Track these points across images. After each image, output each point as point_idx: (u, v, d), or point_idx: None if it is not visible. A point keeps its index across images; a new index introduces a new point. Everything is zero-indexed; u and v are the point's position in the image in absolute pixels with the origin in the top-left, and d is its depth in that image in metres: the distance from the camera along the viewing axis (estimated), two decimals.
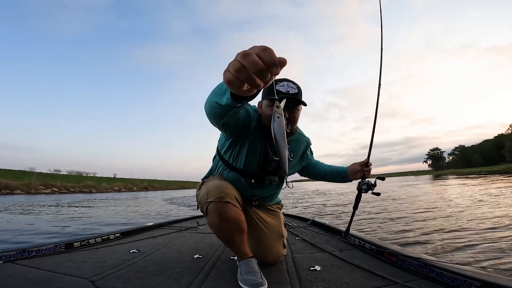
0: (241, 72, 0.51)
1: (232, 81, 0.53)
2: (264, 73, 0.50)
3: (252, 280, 1.07)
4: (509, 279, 0.86)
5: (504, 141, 74.88)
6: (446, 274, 1.00)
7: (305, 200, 9.39)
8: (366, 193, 1.43)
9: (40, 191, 21.94)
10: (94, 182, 33.37)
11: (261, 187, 1.36)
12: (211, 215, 1.15)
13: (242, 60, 0.50)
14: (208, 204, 1.14)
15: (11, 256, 1.38)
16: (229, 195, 1.16)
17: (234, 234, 1.18)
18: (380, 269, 1.19)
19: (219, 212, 1.13)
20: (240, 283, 1.09)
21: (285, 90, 1.14)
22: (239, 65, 0.50)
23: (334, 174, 1.48)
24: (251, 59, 0.49)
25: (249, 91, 0.56)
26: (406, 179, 40.71)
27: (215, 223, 1.15)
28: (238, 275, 1.14)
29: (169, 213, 6.76)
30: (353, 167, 1.41)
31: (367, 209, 5.55)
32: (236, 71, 0.51)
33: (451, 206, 5.35)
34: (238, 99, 0.70)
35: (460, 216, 4.21)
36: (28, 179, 23.98)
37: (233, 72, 0.51)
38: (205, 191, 1.18)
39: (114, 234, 2.02)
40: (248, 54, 0.49)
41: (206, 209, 1.16)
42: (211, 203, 1.14)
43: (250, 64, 0.49)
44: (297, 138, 1.37)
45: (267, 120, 1.17)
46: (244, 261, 1.18)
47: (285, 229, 1.48)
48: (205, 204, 1.16)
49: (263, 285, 1.05)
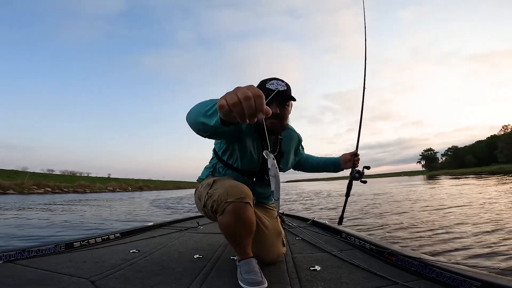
0: (236, 107, 0.61)
1: (225, 110, 0.63)
2: (253, 115, 0.61)
3: (252, 279, 1.07)
4: (509, 279, 0.86)
5: (496, 142, 75.93)
6: (446, 274, 1.00)
7: (304, 200, 9.43)
8: (357, 180, 1.52)
9: (33, 191, 21.63)
10: (88, 182, 33.01)
11: (262, 186, 1.39)
12: (229, 215, 1.12)
13: (241, 99, 0.60)
14: (228, 204, 1.11)
15: (11, 256, 1.37)
16: (249, 196, 1.15)
17: (246, 235, 1.18)
18: (380, 269, 1.19)
19: (238, 213, 1.12)
20: (240, 282, 1.09)
21: (275, 88, 1.20)
22: (236, 101, 0.61)
23: (327, 164, 1.61)
24: (249, 103, 0.60)
25: (236, 120, 0.65)
26: (399, 179, 41.17)
27: (231, 223, 1.13)
28: (238, 274, 1.14)
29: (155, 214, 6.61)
30: (344, 157, 1.55)
31: (371, 210, 5.62)
32: (233, 105, 0.61)
33: (453, 206, 5.42)
34: (225, 123, 0.80)
35: (458, 216, 4.27)
36: (21, 178, 23.63)
37: (230, 104, 0.62)
38: (223, 190, 1.14)
39: (114, 234, 2.01)
40: (249, 98, 0.60)
41: (224, 209, 1.12)
42: (231, 203, 1.11)
43: (247, 106, 0.60)
44: (289, 134, 1.43)
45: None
46: (245, 260, 1.18)
47: (282, 228, 1.51)
48: (224, 203, 1.12)
49: (263, 283, 1.06)
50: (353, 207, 6.04)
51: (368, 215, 4.76)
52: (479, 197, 6.72)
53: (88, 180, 35.81)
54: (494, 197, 6.56)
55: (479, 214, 4.25)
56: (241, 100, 0.60)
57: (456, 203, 5.77)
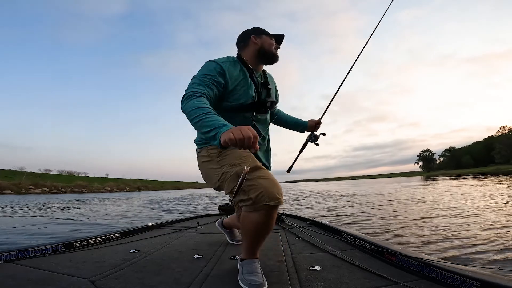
0: (240, 142, 0.87)
1: (232, 143, 0.87)
2: (250, 148, 0.89)
3: (253, 280, 1.06)
4: (509, 279, 0.86)
5: (493, 143, 76.35)
6: (446, 274, 1.00)
7: (302, 200, 9.43)
8: (312, 142, 1.77)
9: (30, 191, 21.55)
10: (86, 182, 32.93)
11: (261, 122, 1.44)
12: (264, 216, 1.08)
13: (245, 138, 0.87)
14: (268, 206, 1.06)
15: (11, 256, 1.37)
16: (282, 196, 1.11)
17: (266, 236, 1.17)
18: (380, 269, 1.19)
19: (272, 216, 1.10)
20: (241, 282, 1.08)
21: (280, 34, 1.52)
22: (241, 138, 0.87)
23: (297, 124, 1.81)
24: (251, 142, 0.88)
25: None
26: (398, 180, 41.27)
27: (263, 223, 1.10)
28: (240, 274, 1.13)
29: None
30: (311, 123, 1.78)
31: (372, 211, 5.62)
32: (239, 140, 0.87)
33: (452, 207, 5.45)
34: (222, 146, 0.94)
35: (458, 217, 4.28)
36: (18, 178, 23.53)
37: (236, 139, 0.87)
38: (264, 189, 1.06)
39: (114, 234, 2.01)
40: (253, 141, 0.88)
41: (263, 209, 1.07)
42: (272, 207, 1.07)
43: (248, 144, 0.88)
44: (271, 75, 1.59)
45: (266, 46, 1.43)
46: (250, 260, 1.17)
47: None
48: (263, 205, 1.05)
49: (263, 285, 1.05)
50: (359, 209, 6.00)
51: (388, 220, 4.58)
52: (481, 198, 6.74)
53: (85, 180, 35.72)
54: (495, 197, 6.60)
55: (480, 215, 4.27)
56: (245, 140, 0.87)
57: (457, 204, 5.79)
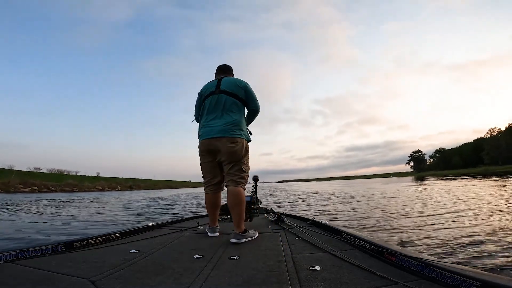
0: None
1: None
2: None
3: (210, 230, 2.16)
4: (509, 279, 0.87)
5: (482, 144, 77.87)
6: (446, 274, 1.00)
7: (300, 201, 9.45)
8: None
9: (20, 190, 21.09)
10: (76, 181, 32.35)
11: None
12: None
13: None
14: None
15: (11, 256, 1.36)
16: None
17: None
18: (380, 269, 1.19)
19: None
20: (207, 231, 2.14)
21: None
22: None
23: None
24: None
25: None
26: (391, 180, 41.82)
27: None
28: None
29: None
30: None
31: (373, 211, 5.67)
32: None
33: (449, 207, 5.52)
34: None
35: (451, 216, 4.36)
36: (7, 177, 22.98)
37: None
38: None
39: (114, 234, 2.00)
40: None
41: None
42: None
43: None
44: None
45: None
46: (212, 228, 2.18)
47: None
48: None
49: (215, 231, 2.12)
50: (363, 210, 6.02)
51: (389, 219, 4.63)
52: (477, 198, 6.88)
53: (76, 179, 35.10)
54: (488, 197, 6.73)
55: (478, 214, 4.34)
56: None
57: (454, 204, 5.89)
